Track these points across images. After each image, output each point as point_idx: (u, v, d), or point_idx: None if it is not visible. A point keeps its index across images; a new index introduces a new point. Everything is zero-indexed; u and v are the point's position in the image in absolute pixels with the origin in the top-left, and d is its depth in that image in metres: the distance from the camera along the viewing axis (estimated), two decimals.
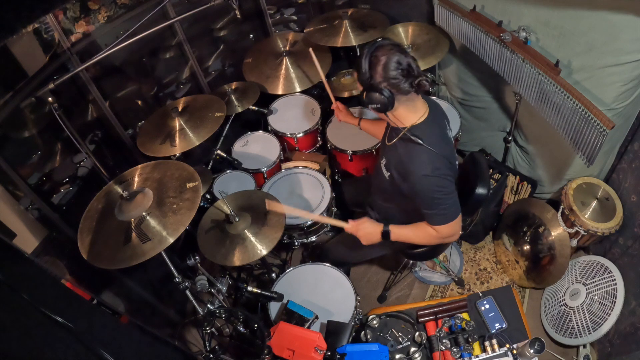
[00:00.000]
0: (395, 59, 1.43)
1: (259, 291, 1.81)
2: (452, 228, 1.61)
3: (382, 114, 1.54)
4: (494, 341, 1.65)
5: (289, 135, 2.55)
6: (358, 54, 2.81)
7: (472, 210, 2.01)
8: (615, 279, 2.03)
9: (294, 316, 1.73)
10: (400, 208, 1.77)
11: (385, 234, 1.71)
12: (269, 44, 2.80)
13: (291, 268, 2.01)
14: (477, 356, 1.63)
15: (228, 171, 2.43)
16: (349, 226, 1.76)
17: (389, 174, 1.67)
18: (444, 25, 2.44)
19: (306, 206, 2.22)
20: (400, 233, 1.72)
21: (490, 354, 1.61)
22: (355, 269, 2.63)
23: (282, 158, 2.57)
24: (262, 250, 1.78)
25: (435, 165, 1.50)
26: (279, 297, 1.84)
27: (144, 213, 1.51)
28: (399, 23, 2.68)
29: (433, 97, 2.53)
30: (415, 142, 1.50)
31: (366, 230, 1.73)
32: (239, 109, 2.46)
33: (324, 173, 2.45)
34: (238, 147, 2.57)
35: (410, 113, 1.55)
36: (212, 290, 1.77)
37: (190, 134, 2.09)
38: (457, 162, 1.67)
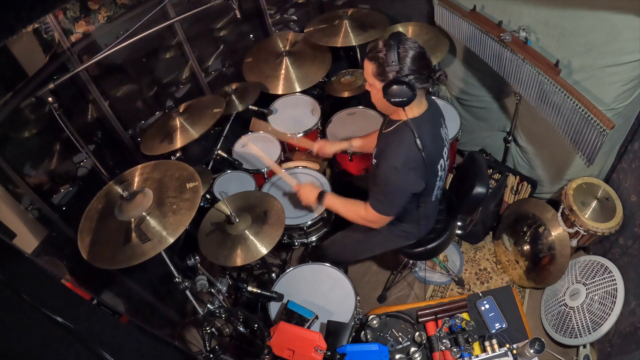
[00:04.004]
0: (421, 51, 1.44)
1: (259, 291, 1.81)
2: (379, 218, 1.69)
3: (396, 108, 1.52)
4: (494, 341, 1.65)
5: (289, 135, 2.55)
6: (358, 53, 2.83)
7: (471, 209, 2.01)
8: (615, 279, 2.03)
9: (294, 316, 1.72)
10: None
11: (320, 197, 1.86)
12: (269, 44, 2.80)
13: (291, 268, 2.01)
14: (477, 356, 1.63)
15: (228, 171, 2.43)
16: (295, 184, 1.97)
17: (375, 161, 1.69)
18: (444, 25, 2.44)
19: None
20: (334, 202, 1.86)
21: (490, 354, 1.61)
22: (355, 269, 2.63)
23: (282, 158, 2.57)
24: (263, 249, 1.79)
25: (408, 161, 1.51)
26: (279, 297, 1.84)
27: (144, 213, 1.51)
28: (399, 23, 2.68)
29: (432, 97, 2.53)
30: (407, 133, 1.51)
31: (305, 190, 1.92)
32: (240, 108, 2.46)
33: (324, 173, 2.45)
34: (238, 147, 2.57)
35: (415, 107, 1.56)
36: (212, 290, 1.77)
37: (190, 129, 2.10)
38: (444, 162, 1.67)
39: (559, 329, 2.18)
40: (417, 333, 1.79)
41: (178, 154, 2.17)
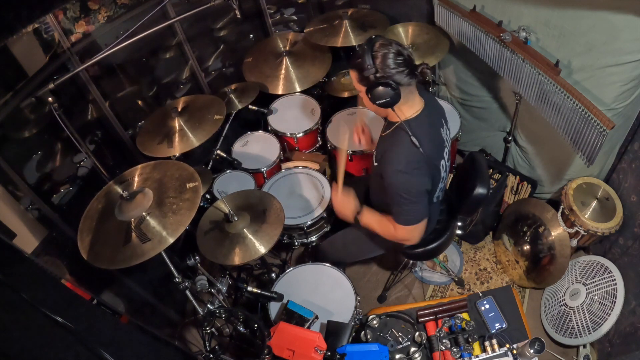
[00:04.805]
0: (396, 49, 1.45)
1: (259, 291, 1.81)
2: (408, 232, 1.63)
3: (387, 110, 1.52)
4: (494, 341, 1.65)
5: (289, 135, 2.55)
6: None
7: (472, 210, 2.01)
8: (615, 279, 2.03)
9: (294, 316, 1.73)
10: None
11: (358, 213, 1.78)
12: (269, 44, 2.81)
13: (291, 268, 2.01)
14: (477, 356, 1.63)
15: (228, 171, 2.43)
16: (333, 192, 1.85)
17: (376, 164, 1.69)
18: (444, 25, 2.44)
19: (306, 206, 2.22)
20: (369, 220, 1.77)
21: (490, 354, 1.61)
22: (355, 269, 2.63)
23: (282, 158, 2.57)
24: (262, 248, 1.79)
25: (411, 161, 1.50)
26: (279, 297, 1.84)
27: (143, 213, 1.51)
28: (399, 23, 2.68)
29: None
30: (403, 135, 1.51)
31: (343, 201, 1.80)
32: (239, 106, 2.46)
33: (324, 173, 2.46)
34: (238, 147, 2.57)
35: (407, 107, 1.55)
36: (212, 290, 1.77)
37: (190, 135, 2.09)
38: (446, 163, 1.67)
39: (559, 329, 2.18)
40: (417, 333, 1.79)
41: (177, 154, 2.16)
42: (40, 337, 1.01)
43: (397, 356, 1.74)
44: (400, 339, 1.80)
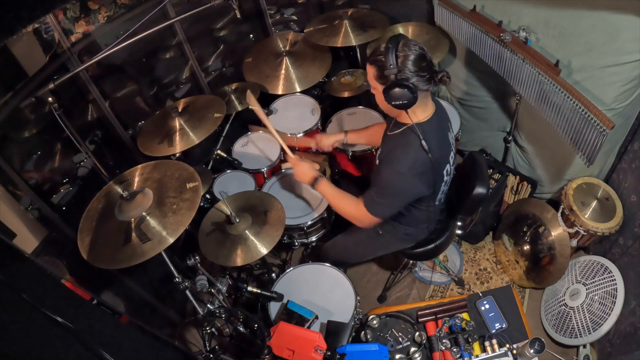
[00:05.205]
0: (420, 53, 1.43)
1: (259, 291, 1.81)
2: (369, 219, 1.66)
3: (400, 111, 1.51)
4: (494, 341, 1.65)
5: (289, 135, 2.55)
6: (358, 53, 2.83)
7: (472, 210, 2.02)
8: (615, 279, 2.03)
9: (294, 316, 1.73)
10: None
11: (315, 180, 1.81)
12: (269, 44, 2.80)
13: (291, 268, 2.01)
14: (477, 356, 1.63)
15: (228, 171, 2.43)
16: (293, 157, 1.90)
17: (378, 161, 1.68)
18: (444, 25, 2.44)
19: (306, 206, 2.22)
20: (327, 190, 1.79)
21: (490, 354, 1.61)
22: (355, 269, 2.63)
23: (282, 158, 2.57)
24: (263, 249, 1.79)
25: (415, 165, 1.50)
26: (279, 297, 1.84)
27: (143, 213, 1.51)
28: (399, 23, 2.68)
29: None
30: (413, 137, 1.50)
31: (303, 168, 1.85)
32: (239, 108, 2.46)
33: (324, 173, 2.45)
34: (238, 147, 2.57)
35: (421, 111, 1.54)
36: (212, 290, 1.77)
37: (190, 133, 2.10)
38: (450, 167, 1.67)
39: (559, 329, 2.18)
40: (417, 333, 1.79)
41: (177, 154, 2.17)
42: (40, 337, 1.01)
43: (397, 356, 1.74)
44: (400, 339, 1.80)
